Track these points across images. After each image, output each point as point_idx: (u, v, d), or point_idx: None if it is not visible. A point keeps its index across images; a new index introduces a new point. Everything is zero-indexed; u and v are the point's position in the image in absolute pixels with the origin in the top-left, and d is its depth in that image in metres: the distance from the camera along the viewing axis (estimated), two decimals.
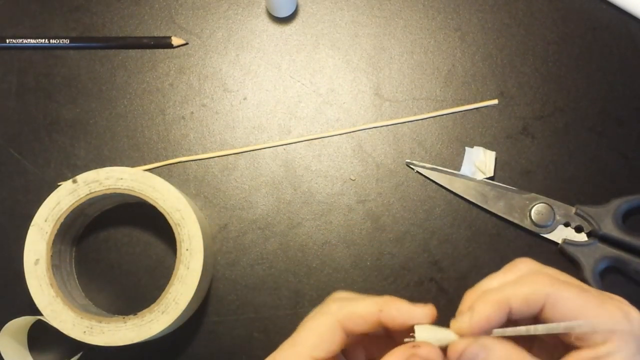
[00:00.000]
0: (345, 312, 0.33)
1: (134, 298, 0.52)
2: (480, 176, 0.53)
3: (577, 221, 0.51)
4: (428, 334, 0.33)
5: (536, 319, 0.34)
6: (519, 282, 0.34)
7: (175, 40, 0.56)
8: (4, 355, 0.49)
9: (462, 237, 0.53)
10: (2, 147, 0.55)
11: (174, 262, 0.48)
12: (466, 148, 0.54)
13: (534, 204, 0.52)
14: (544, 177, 0.53)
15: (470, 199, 0.52)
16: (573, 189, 0.53)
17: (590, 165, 0.53)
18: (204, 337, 0.52)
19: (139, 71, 0.56)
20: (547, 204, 0.52)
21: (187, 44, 0.56)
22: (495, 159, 0.53)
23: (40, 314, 0.47)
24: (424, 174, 0.53)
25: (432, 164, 0.53)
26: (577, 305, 0.32)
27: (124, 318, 0.47)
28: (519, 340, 0.33)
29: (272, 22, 0.56)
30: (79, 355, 0.51)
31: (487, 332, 0.33)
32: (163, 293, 0.47)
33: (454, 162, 0.54)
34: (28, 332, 0.51)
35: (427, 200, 0.53)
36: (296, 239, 0.53)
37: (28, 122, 0.55)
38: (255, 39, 0.56)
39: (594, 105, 0.54)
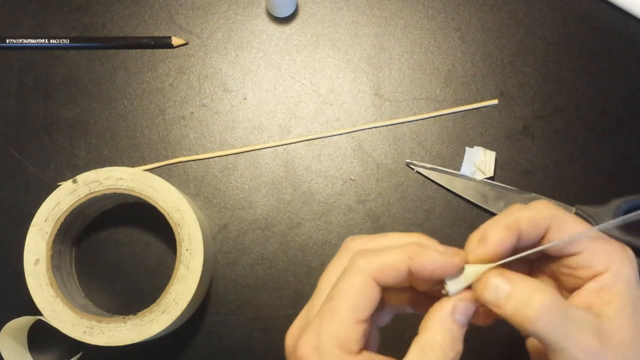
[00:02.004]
0: (376, 266, 0.33)
1: (134, 298, 0.52)
2: (480, 176, 0.53)
3: None
4: (458, 285, 0.34)
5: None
6: (524, 208, 0.34)
7: (175, 40, 0.56)
8: (4, 355, 0.49)
9: (462, 237, 0.53)
10: (2, 147, 0.55)
11: (174, 262, 0.48)
12: (466, 148, 0.54)
13: None
14: (544, 177, 0.53)
15: (470, 199, 0.52)
16: (573, 189, 0.53)
17: (590, 165, 0.53)
18: (204, 337, 0.52)
19: (139, 71, 0.56)
20: None
21: (187, 44, 0.56)
22: (495, 159, 0.53)
23: (40, 314, 0.47)
24: (424, 174, 0.53)
25: (432, 164, 0.53)
26: (580, 226, 0.34)
27: (124, 318, 0.47)
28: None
29: (272, 22, 0.57)
30: (79, 355, 0.51)
31: (503, 257, 0.33)
32: (163, 293, 0.47)
33: (454, 162, 0.54)
34: (28, 332, 0.51)
35: (427, 200, 0.53)
36: (296, 239, 0.53)
37: (28, 122, 0.55)
38: (255, 39, 0.56)
39: (594, 105, 0.54)
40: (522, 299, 0.32)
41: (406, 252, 0.33)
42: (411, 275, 0.33)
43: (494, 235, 0.33)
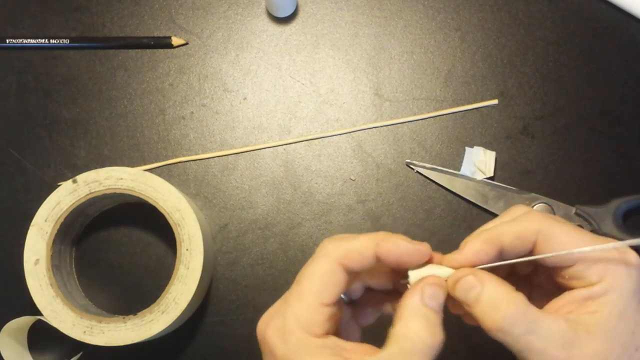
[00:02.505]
0: (342, 250, 0.33)
1: (134, 298, 0.52)
2: (480, 176, 0.53)
3: (577, 221, 0.51)
4: (418, 275, 0.34)
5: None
6: (511, 221, 0.34)
7: (175, 40, 0.56)
8: (4, 355, 0.49)
9: (462, 237, 0.52)
10: (2, 147, 0.55)
11: (174, 262, 0.48)
12: (466, 148, 0.54)
13: (534, 204, 0.52)
14: (544, 177, 0.53)
15: (470, 199, 0.52)
16: (573, 189, 0.53)
17: (590, 165, 0.53)
18: (204, 337, 0.52)
19: (139, 71, 0.56)
20: (547, 204, 0.52)
21: (187, 44, 0.56)
22: (495, 159, 0.53)
23: (40, 314, 0.47)
24: (424, 174, 0.53)
25: (432, 164, 0.53)
26: (569, 240, 0.32)
27: (124, 318, 0.47)
28: (516, 285, 0.33)
29: (272, 22, 0.57)
30: (79, 355, 0.51)
31: (476, 266, 0.33)
32: (163, 293, 0.47)
33: (454, 162, 0.54)
34: (28, 332, 0.51)
35: (427, 200, 0.53)
36: (296, 239, 0.53)
37: (28, 122, 0.55)
38: (255, 39, 0.56)
39: (594, 105, 0.54)
40: (491, 303, 0.32)
41: (373, 239, 0.33)
42: (378, 262, 0.33)
43: (471, 246, 0.34)
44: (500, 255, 0.34)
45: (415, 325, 0.32)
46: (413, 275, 0.34)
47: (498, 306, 0.31)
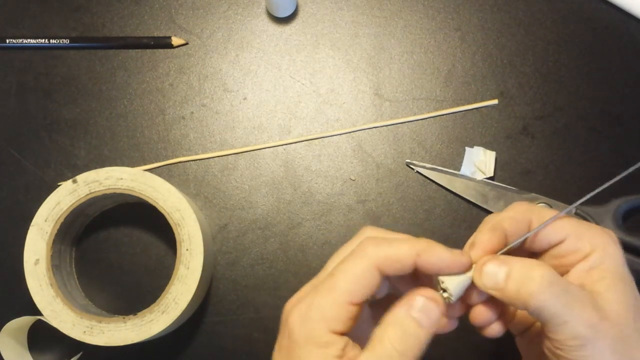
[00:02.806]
0: (383, 255, 0.33)
1: (134, 298, 0.52)
2: (480, 176, 0.53)
3: None
4: (451, 281, 0.34)
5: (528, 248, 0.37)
6: (505, 210, 0.37)
7: (175, 40, 0.56)
8: (4, 355, 0.49)
9: (462, 237, 0.53)
10: (2, 147, 0.55)
11: (174, 262, 0.48)
12: (466, 148, 0.54)
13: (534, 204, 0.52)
14: (544, 177, 0.53)
15: (470, 199, 0.52)
16: (573, 189, 0.53)
17: (590, 165, 0.53)
18: (204, 337, 0.52)
19: (139, 71, 0.56)
20: (547, 204, 0.52)
21: (187, 44, 0.56)
22: (495, 159, 0.53)
23: (40, 314, 0.47)
24: (424, 174, 0.53)
25: (432, 164, 0.53)
26: (559, 222, 0.36)
27: (124, 318, 0.47)
28: None
29: (272, 22, 0.56)
30: (79, 355, 0.51)
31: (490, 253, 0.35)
32: (163, 293, 0.47)
33: (454, 162, 0.54)
34: (28, 332, 0.51)
35: (427, 200, 0.53)
36: (296, 239, 0.53)
37: (28, 122, 0.55)
38: (255, 39, 0.56)
39: (594, 105, 0.54)
40: (523, 276, 0.33)
41: (415, 247, 0.33)
42: (415, 271, 0.34)
43: (481, 238, 0.35)
44: (505, 240, 0.36)
45: (390, 332, 0.32)
46: (448, 282, 0.34)
47: (530, 275, 0.32)
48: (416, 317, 0.33)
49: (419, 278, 0.37)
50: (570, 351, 0.32)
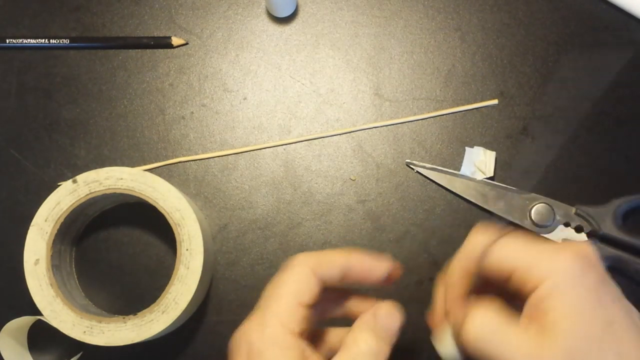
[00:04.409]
0: (314, 259, 0.36)
1: (134, 298, 0.52)
2: (480, 176, 0.53)
3: (577, 221, 0.51)
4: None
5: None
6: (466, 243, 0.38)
7: (175, 40, 0.56)
8: (4, 355, 0.49)
9: (462, 237, 0.52)
10: (2, 147, 0.55)
11: (174, 262, 0.48)
12: (466, 148, 0.54)
13: (534, 204, 0.52)
14: (544, 177, 0.53)
15: (470, 199, 0.52)
16: (573, 189, 0.53)
17: (590, 165, 0.53)
18: (204, 337, 0.52)
19: (139, 71, 0.56)
20: (547, 204, 0.52)
21: (187, 44, 0.56)
22: (495, 159, 0.53)
23: (40, 314, 0.47)
24: (424, 174, 0.53)
25: (432, 164, 0.53)
26: (510, 251, 0.35)
27: (124, 318, 0.47)
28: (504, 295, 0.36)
29: (272, 22, 0.57)
30: (79, 355, 0.51)
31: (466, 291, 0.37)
32: (163, 293, 0.47)
33: (454, 162, 0.54)
34: (28, 332, 0.51)
35: (427, 200, 0.53)
36: (296, 239, 0.53)
37: (28, 122, 0.55)
38: (255, 39, 0.56)
39: (594, 105, 0.54)
40: (462, 331, 0.35)
41: (342, 252, 0.37)
42: (345, 275, 0.37)
43: (448, 304, 0.38)
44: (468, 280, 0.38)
45: (363, 334, 0.35)
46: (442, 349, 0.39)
47: (466, 329, 0.34)
48: (382, 323, 0.36)
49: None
50: None
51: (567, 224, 0.51)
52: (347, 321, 0.39)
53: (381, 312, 0.37)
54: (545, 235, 0.51)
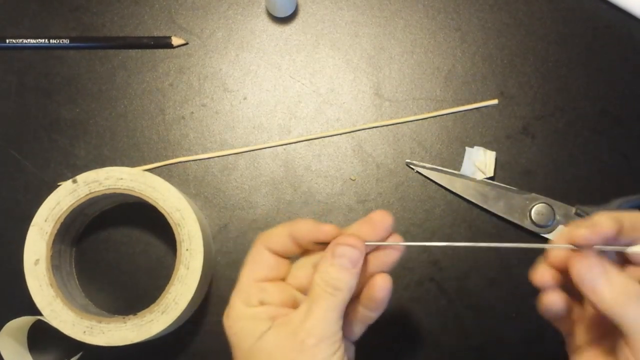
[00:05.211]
0: (264, 236, 0.40)
1: (134, 298, 0.52)
2: (480, 176, 0.53)
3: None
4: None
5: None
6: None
7: (175, 40, 0.56)
8: (4, 355, 0.49)
9: (462, 237, 0.53)
10: (2, 147, 0.55)
11: (174, 262, 0.48)
12: (466, 148, 0.54)
13: (534, 204, 0.52)
14: (544, 177, 0.53)
15: (470, 199, 0.52)
16: (573, 189, 0.53)
17: (590, 165, 0.53)
18: (204, 337, 0.52)
19: (139, 71, 0.56)
20: (547, 204, 0.52)
21: (187, 44, 0.56)
22: (495, 159, 0.53)
23: (40, 314, 0.47)
24: (424, 174, 0.53)
25: (432, 164, 0.53)
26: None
27: (124, 318, 0.47)
28: None
29: (272, 22, 0.56)
30: (79, 355, 0.51)
31: (600, 241, 0.36)
32: (163, 293, 0.47)
33: (454, 162, 0.54)
34: (28, 332, 0.51)
35: (427, 200, 0.53)
36: None
37: (28, 122, 0.55)
38: (255, 39, 0.56)
39: (594, 105, 0.54)
40: (620, 288, 0.34)
41: (287, 223, 0.39)
42: (296, 240, 0.39)
43: (600, 219, 0.36)
44: (616, 237, 0.36)
45: (318, 279, 0.37)
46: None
47: (628, 290, 0.34)
48: (338, 262, 0.37)
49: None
50: None
51: (567, 224, 0.51)
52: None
53: (337, 251, 0.37)
54: (546, 235, 0.51)
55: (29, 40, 0.56)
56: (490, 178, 0.53)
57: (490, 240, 0.52)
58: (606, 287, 0.34)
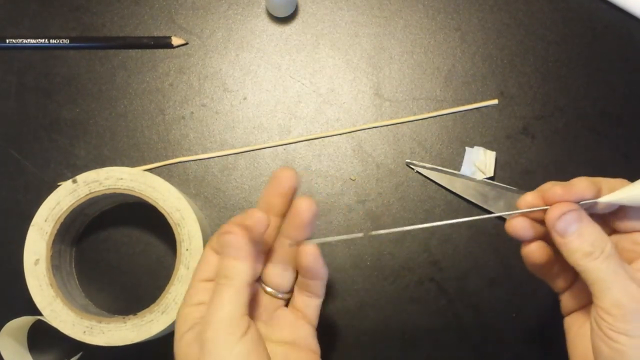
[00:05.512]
0: (212, 237, 0.40)
1: (134, 298, 0.52)
2: (480, 176, 0.53)
3: None
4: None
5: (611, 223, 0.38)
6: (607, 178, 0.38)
7: (175, 40, 0.56)
8: (4, 355, 0.49)
9: (462, 237, 0.53)
10: (2, 147, 0.55)
11: (174, 262, 0.48)
12: (466, 148, 0.54)
13: None
14: (544, 177, 0.53)
15: (470, 199, 0.52)
16: None
17: (590, 165, 0.53)
18: None
19: (139, 71, 0.56)
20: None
21: (187, 44, 0.56)
22: (495, 159, 0.53)
23: (40, 314, 0.47)
24: (424, 174, 0.53)
25: (432, 164, 0.53)
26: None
27: (124, 318, 0.47)
28: None
29: (272, 22, 0.56)
30: (79, 355, 0.51)
31: (575, 201, 0.36)
32: (163, 293, 0.47)
33: (454, 162, 0.54)
34: (28, 332, 0.51)
35: (427, 200, 0.53)
36: None
37: (28, 122, 0.55)
38: (255, 39, 0.56)
39: (594, 105, 0.54)
40: (590, 240, 0.35)
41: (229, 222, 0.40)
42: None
43: (578, 182, 0.37)
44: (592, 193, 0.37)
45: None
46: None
47: (596, 243, 0.35)
48: (225, 252, 0.38)
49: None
50: (613, 321, 0.33)
51: None
52: None
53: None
54: None
55: (29, 40, 0.56)
56: (490, 178, 0.53)
57: (490, 240, 0.52)
58: (575, 237, 0.35)
